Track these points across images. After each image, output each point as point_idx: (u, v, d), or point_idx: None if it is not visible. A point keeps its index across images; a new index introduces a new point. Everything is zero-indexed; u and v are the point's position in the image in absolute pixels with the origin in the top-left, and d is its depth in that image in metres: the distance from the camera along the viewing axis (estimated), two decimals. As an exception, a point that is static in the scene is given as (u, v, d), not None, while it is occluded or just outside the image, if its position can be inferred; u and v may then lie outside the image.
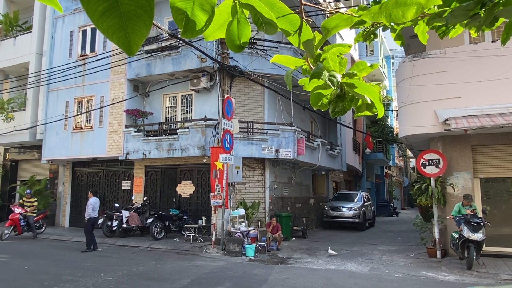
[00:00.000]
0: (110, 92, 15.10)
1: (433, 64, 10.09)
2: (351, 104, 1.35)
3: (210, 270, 8.44)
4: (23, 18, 18.78)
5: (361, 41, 2.10)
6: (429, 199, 10.49)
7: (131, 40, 0.84)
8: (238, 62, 12.81)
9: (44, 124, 16.38)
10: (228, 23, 1.11)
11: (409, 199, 41.63)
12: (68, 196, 17.29)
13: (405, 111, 10.62)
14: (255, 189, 13.71)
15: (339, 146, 19.27)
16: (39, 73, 16.51)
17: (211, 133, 12.76)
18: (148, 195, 14.86)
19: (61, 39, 16.69)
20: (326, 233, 16.20)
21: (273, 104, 14.48)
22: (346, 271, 8.60)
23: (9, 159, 19.89)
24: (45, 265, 8.78)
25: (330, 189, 21.01)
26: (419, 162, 10.25)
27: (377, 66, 1.54)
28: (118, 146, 14.58)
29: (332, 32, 1.23)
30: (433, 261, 9.68)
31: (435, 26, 1.61)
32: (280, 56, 1.36)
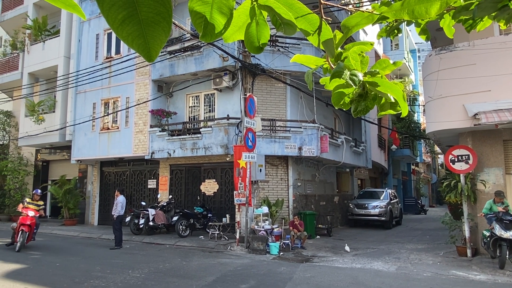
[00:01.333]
0: (135, 93, 15.42)
1: (461, 57, 9.76)
2: (373, 103, 1.32)
3: (234, 267, 8.50)
4: (51, 23, 19.40)
5: (384, 37, 2.06)
6: (459, 196, 10.18)
7: (150, 47, 0.85)
8: (260, 60, 12.80)
9: (73, 125, 16.90)
10: (247, 24, 1.11)
11: (437, 196, 40.59)
12: (97, 195, 17.79)
13: (432, 106, 10.34)
14: (278, 187, 13.69)
15: (363, 143, 18.96)
16: (67, 76, 17.04)
17: (234, 132, 12.82)
18: (173, 193, 15.09)
19: (88, 42, 17.15)
20: (351, 231, 16.00)
21: (296, 101, 14.39)
22: (373, 270, 8.47)
23: (40, 159, 20.66)
24: (76, 261, 9.08)
25: (355, 187, 20.72)
26: (448, 158, 9.96)
27: (400, 64, 1.50)
28: (144, 145, 14.87)
29: (352, 31, 1.20)
30: (463, 260, 9.40)
31: (461, 19, 1.55)
32: (300, 56, 1.34)
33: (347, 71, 1.21)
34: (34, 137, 17.87)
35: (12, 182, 19.61)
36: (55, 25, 19.38)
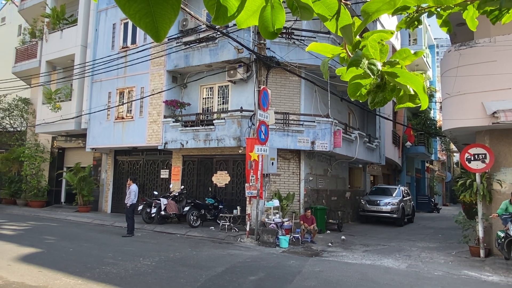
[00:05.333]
0: (150, 83, 15.50)
1: (481, 53, 9.50)
2: (392, 95, 1.27)
3: (244, 259, 8.53)
4: (69, 11, 19.59)
5: (404, 28, 1.99)
6: (474, 196, 9.99)
7: (158, 26, 0.82)
8: (275, 53, 12.70)
9: (88, 114, 17.12)
10: (261, 8, 1.07)
11: (451, 195, 39.98)
12: (111, 183, 18.04)
13: (449, 103, 10.12)
14: (290, 181, 13.66)
15: (377, 139, 18.74)
16: (84, 64, 17.22)
17: (247, 124, 12.80)
18: (185, 184, 15.20)
19: (104, 31, 17.28)
20: (362, 227, 15.90)
21: (310, 95, 14.28)
22: (383, 267, 8.40)
23: (56, 146, 21.02)
24: (88, 248, 9.24)
25: (367, 183, 20.54)
26: (464, 157, 9.76)
27: (422, 54, 1.44)
28: (157, 135, 14.98)
29: (373, 17, 1.15)
30: (475, 260, 9.25)
31: (486, 10, 1.48)
32: (316, 44, 1.30)
33: (365, 60, 1.16)
34: (50, 124, 18.17)
35: (29, 168, 20.03)
36: (73, 14, 19.57)
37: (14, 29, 25.21)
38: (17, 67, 21.35)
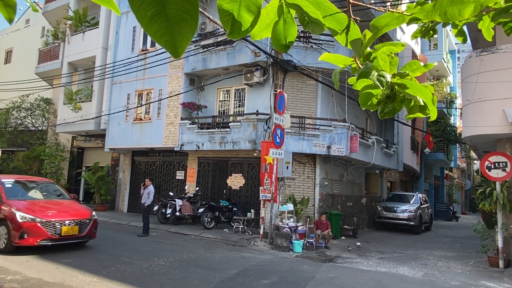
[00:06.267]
0: (168, 86, 15.73)
1: (504, 60, 9.30)
2: (401, 105, 1.28)
3: (257, 262, 8.55)
4: (91, 14, 20.06)
5: (419, 37, 2.00)
6: (493, 205, 9.77)
7: (177, 43, 0.87)
8: (292, 56, 12.72)
9: (107, 115, 17.46)
10: (274, 22, 1.11)
11: (470, 204, 39.07)
12: (128, 183, 18.34)
13: (470, 110, 9.93)
14: (304, 185, 13.61)
15: (395, 145, 18.50)
16: (104, 66, 17.60)
17: (263, 127, 12.84)
18: (200, 185, 15.33)
19: (125, 34, 17.62)
20: (378, 234, 15.70)
21: (327, 99, 14.22)
22: (398, 275, 8.29)
23: (76, 146, 21.52)
24: (105, 246, 9.42)
25: (384, 189, 20.28)
26: (484, 165, 9.56)
27: (431, 66, 1.45)
28: (174, 137, 15.17)
29: (382, 31, 1.18)
30: (494, 271, 9.02)
31: (501, 21, 1.48)
32: (329, 54, 1.33)
33: (374, 71, 1.18)
34: (71, 124, 18.61)
35: (49, 167, 20.53)
36: (94, 16, 20.03)
37: (37, 31, 25.95)
38: (40, 67, 21.96)
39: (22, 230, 7.79)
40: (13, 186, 9.17)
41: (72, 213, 8.72)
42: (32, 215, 8.01)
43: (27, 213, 8.03)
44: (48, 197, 9.57)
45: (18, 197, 8.86)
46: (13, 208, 8.13)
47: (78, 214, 8.73)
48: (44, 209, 8.52)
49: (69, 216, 8.49)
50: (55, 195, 9.86)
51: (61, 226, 8.17)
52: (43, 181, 10.59)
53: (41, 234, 7.92)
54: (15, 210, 8.08)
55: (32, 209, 8.24)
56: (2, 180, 9.13)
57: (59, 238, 8.15)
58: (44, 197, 9.50)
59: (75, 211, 8.89)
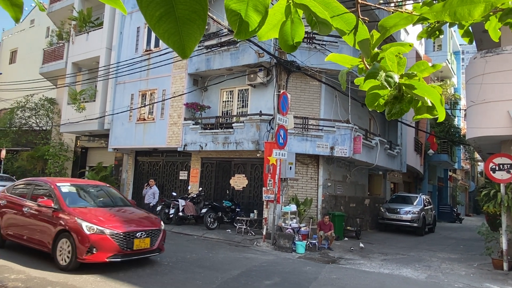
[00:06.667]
0: (171, 86, 15.75)
1: (509, 61, 9.26)
2: (409, 106, 1.28)
3: (260, 263, 8.54)
4: (95, 14, 20.14)
5: (425, 38, 1.99)
6: (498, 207, 9.72)
7: (185, 44, 0.87)
8: (296, 57, 12.71)
9: (111, 115, 17.51)
10: (281, 23, 1.11)
11: (475, 205, 38.89)
12: (131, 183, 18.37)
13: (474, 111, 9.89)
14: (307, 186, 13.59)
15: (399, 146, 18.44)
16: (108, 66, 17.65)
17: (266, 128, 12.83)
18: (203, 186, 15.33)
19: (129, 35, 17.67)
20: (381, 236, 15.65)
21: (330, 100, 14.20)
22: (401, 277, 8.26)
23: (80, 146, 21.59)
24: (108, 246, 9.42)
25: (387, 190, 20.22)
26: (488, 167, 9.51)
27: (440, 67, 1.44)
28: (177, 137, 15.19)
29: (390, 31, 1.17)
30: (498, 273, 8.97)
31: (508, 22, 1.47)
32: (335, 55, 1.32)
33: (382, 72, 1.18)
34: (75, 124, 18.67)
35: (53, 166, 20.61)
36: (99, 17, 20.10)
37: (42, 31, 26.08)
38: (44, 67, 22.06)
39: (90, 243, 6.59)
40: (70, 191, 7.96)
41: (141, 222, 7.56)
42: (100, 226, 6.79)
43: (94, 223, 6.81)
44: (108, 203, 8.34)
45: (78, 204, 7.64)
46: (77, 217, 6.89)
47: (148, 224, 7.56)
48: (111, 218, 7.28)
49: (139, 226, 7.32)
50: (115, 201, 8.61)
51: (132, 238, 7.01)
52: (99, 184, 9.38)
53: (112, 248, 6.73)
54: (80, 220, 6.83)
55: (98, 219, 7.03)
56: (58, 184, 7.90)
57: (130, 252, 7.00)
58: (104, 203, 8.26)
59: (145, 220, 7.70)
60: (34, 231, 7.43)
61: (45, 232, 7.18)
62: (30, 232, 7.50)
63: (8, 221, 8.04)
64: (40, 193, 7.93)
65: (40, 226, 7.30)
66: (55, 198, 7.39)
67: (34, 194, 7.96)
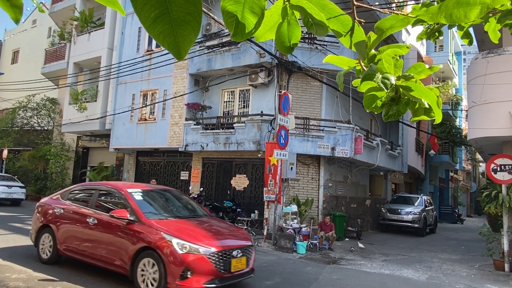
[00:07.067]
0: (172, 86, 15.78)
1: (510, 61, 9.24)
2: (406, 108, 1.28)
3: (260, 263, 8.54)
4: (97, 15, 20.19)
5: (424, 39, 1.98)
6: (499, 208, 9.70)
7: (180, 45, 0.87)
8: (297, 58, 12.71)
9: (112, 115, 17.55)
10: (278, 24, 1.11)
11: (476, 206, 38.84)
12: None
13: (475, 112, 9.87)
14: (308, 186, 13.59)
15: (400, 146, 18.43)
16: (110, 67, 17.69)
17: (267, 128, 12.84)
18: (204, 186, 15.34)
19: (130, 35, 17.70)
20: (382, 236, 15.63)
21: (331, 100, 14.20)
22: (402, 277, 8.25)
23: (81, 146, 21.64)
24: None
25: (388, 191, 20.20)
26: (490, 167, 9.49)
27: (437, 69, 1.44)
28: (178, 138, 15.21)
29: (387, 33, 1.17)
30: (500, 275, 8.95)
31: (507, 23, 1.47)
32: (333, 57, 1.33)
33: (379, 74, 1.18)
34: (76, 124, 18.72)
35: (54, 166, 20.67)
36: (100, 17, 20.15)
37: (44, 31, 26.15)
38: (46, 68, 22.13)
39: (184, 266, 5.34)
40: (143, 199, 6.68)
41: (234, 237, 6.35)
42: (194, 243, 5.49)
43: (186, 240, 5.51)
44: (185, 212, 7.02)
45: (157, 215, 6.34)
46: (163, 232, 5.61)
47: (241, 239, 6.33)
48: (199, 232, 5.98)
49: (234, 243, 6.09)
50: (191, 209, 7.30)
51: (229, 258, 5.74)
52: (166, 189, 7.99)
53: (209, 271, 5.47)
54: (168, 235, 5.55)
55: (187, 233, 5.73)
56: (129, 190, 6.64)
57: (229, 276, 5.75)
58: (182, 213, 6.97)
59: (236, 235, 6.48)
60: (103, 247, 6.19)
61: (120, 249, 5.92)
62: (97, 248, 6.27)
63: (66, 233, 6.79)
64: (107, 200, 6.78)
65: (112, 241, 6.05)
66: (129, 207, 6.14)
67: (99, 202, 6.78)
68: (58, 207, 7.13)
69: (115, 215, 6.04)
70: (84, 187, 7.68)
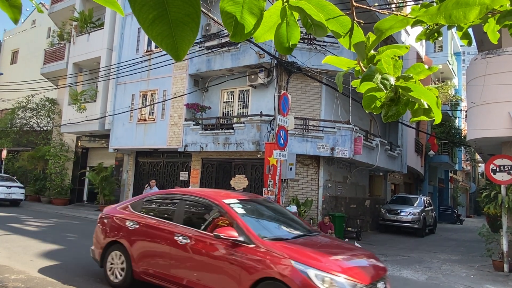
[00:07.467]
0: (172, 87, 15.77)
1: (509, 62, 9.26)
2: (405, 108, 1.27)
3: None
4: (96, 15, 20.18)
5: (423, 40, 1.98)
6: (498, 208, 9.70)
7: (178, 46, 0.87)
8: (296, 58, 12.71)
9: (112, 115, 17.54)
10: (277, 25, 1.11)
11: (475, 207, 38.87)
12: (131, 183, 18.39)
13: (475, 112, 9.88)
14: (308, 187, 13.59)
15: (399, 147, 18.43)
16: (109, 67, 17.68)
17: (266, 129, 12.84)
18: (203, 186, 15.33)
19: (130, 35, 17.70)
20: (381, 237, 15.63)
21: (330, 101, 14.20)
22: (401, 278, 8.24)
23: (81, 146, 21.62)
24: (108, 246, 9.42)
25: (388, 191, 20.20)
26: (489, 168, 9.49)
27: (436, 69, 1.44)
28: (178, 138, 15.20)
29: (386, 34, 1.17)
30: (499, 275, 8.95)
31: (507, 24, 1.47)
32: (332, 57, 1.33)
33: (378, 74, 1.18)
34: (75, 124, 18.70)
35: (54, 167, 20.64)
36: (100, 17, 20.14)
37: (43, 32, 26.13)
38: (45, 68, 22.11)
39: None
40: (246, 213, 5.36)
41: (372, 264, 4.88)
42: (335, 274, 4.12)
43: (325, 270, 4.15)
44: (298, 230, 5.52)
45: (271, 235, 4.94)
46: (292, 260, 4.26)
47: (379, 267, 4.91)
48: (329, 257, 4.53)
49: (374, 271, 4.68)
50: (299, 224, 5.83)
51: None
52: (257, 198, 6.61)
53: None
54: (300, 264, 4.20)
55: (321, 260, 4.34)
56: (226, 201, 5.31)
57: None
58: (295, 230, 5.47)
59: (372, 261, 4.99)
60: (199, 273, 4.93)
61: (227, 278, 4.64)
62: (191, 275, 5.00)
63: (145, 253, 5.58)
64: (198, 213, 5.62)
65: (214, 267, 4.79)
66: (234, 224, 4.87)
67: (188, 215, 5.59)
68: (131, 220, 5.89)
69: (221, 235, 4.67)
70: (163, 196, 6.36)
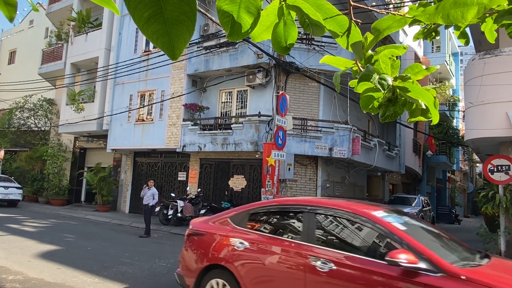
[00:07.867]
0: (170, 87, 15.75)
1: (507, 62, 9.27)
2: (403, 109, 1.27)
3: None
4: (94, 15, 20.12)
5: (421, 39, 1.98)
6: (496, 208, 9.72)
7: (174, 45, 0.86)
8: (295, 58, 12.71)
9: (110, 116, 17.50)
10: (274, 24, 1.10)
11: (473, 207, 38.93)
12: (129, 184, 18.35)
13: (472, 112, 9.90)
14: (306, 187, 13.59)
15: (397, 147, 18.46)
16: (107, 67, 17.63)
17: (265, 129, 12.83)
18: (202, 187, 15.32)
19: (128, 35, 17.67)
20: (379, 236, 15.62)
21: (329, 101, 14.20)
22: (399, 278, 8.24)
23: (78, 146, 21.56)
24: (106, 247, 9.42)
25: (386, 192, 20.22)
26: (487, 168, 9.50)
27: (434, 69, 1.44)
28: (176, 138, 15.18)
29: (384, 34, 1.16)
30: (497, 275, 8.96)
31: (504, 24, 1.47)
32: (330, 57, 1.32)
33: (376, 75, 1.17)
34: (73, 125, 18.65)
35: (51, 167, 20.58)
36: (97, 17, 20.08)
37: (41, 32, 26.05)
38: (43, 68, 22.04)
39: None
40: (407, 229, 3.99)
41: None
42: None
43: None
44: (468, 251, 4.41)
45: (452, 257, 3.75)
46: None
47: None
48: None
49: None
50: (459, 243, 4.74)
51: None
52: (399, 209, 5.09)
53: None
54: None
55: None
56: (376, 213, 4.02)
57: None
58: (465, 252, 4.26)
59: None
60: None
61: None
62: None
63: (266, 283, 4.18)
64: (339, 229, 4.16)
65: None
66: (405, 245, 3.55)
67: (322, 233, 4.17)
68: (236, 239, 4.53)
69: (401, 261, 3.29)
70: (280, 207, 4.68)
